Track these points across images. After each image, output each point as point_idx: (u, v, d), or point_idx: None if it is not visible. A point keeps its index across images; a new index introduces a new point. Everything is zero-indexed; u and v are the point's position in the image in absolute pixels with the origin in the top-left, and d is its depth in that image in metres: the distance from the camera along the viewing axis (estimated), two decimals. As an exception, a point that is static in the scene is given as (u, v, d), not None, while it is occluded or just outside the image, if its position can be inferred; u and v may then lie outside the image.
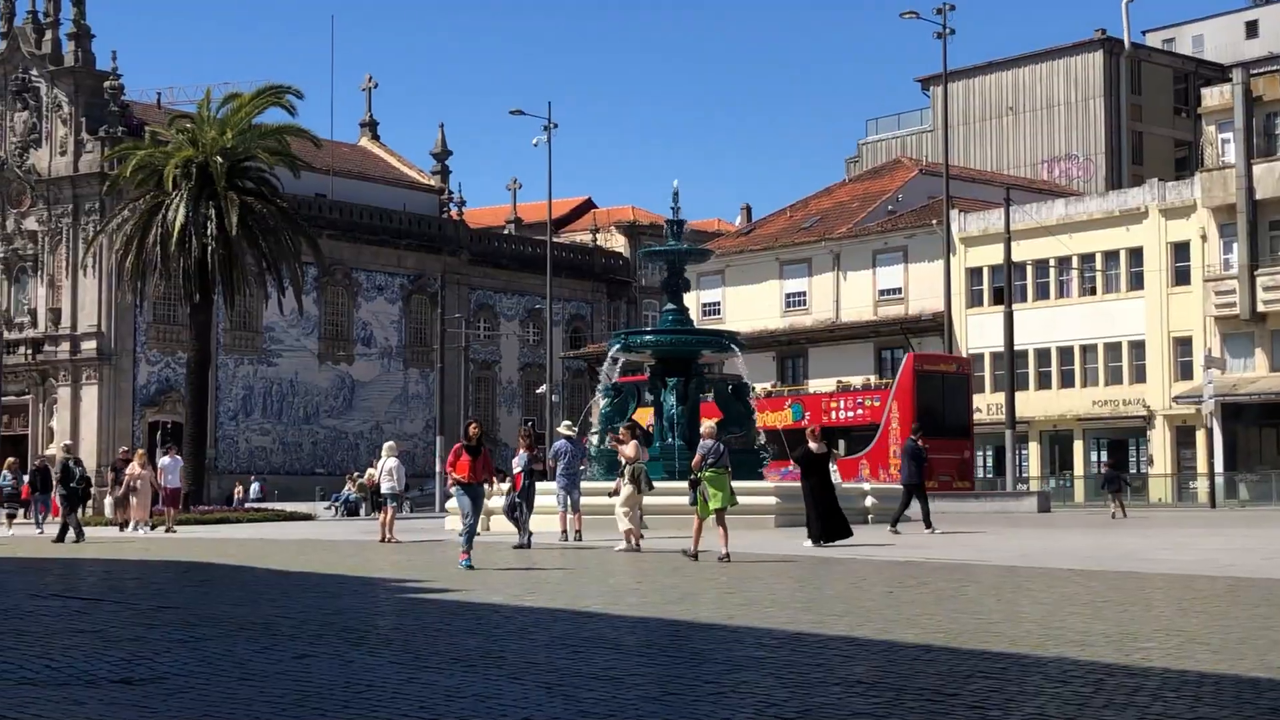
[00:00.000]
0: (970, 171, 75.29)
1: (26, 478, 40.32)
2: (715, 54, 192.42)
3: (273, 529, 37.34)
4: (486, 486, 21.04)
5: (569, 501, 26.07)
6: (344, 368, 75.37)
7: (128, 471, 36.03)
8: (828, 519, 23.06)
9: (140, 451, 38.92)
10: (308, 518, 46.49)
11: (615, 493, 23.84)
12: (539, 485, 25.61)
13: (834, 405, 47.53)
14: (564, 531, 25.96)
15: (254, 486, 63.29)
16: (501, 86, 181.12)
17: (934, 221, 60.50)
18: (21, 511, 39.98)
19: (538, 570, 19.17)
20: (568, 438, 26.42)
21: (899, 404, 46.46)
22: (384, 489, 28.68)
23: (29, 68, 71.08)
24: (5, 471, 38.57)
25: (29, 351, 69.26)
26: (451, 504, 28.99)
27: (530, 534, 23.97)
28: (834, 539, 22.92)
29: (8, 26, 71.92)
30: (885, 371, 63.44)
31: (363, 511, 51.39)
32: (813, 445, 23.45)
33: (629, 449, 24.00)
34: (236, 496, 61.91)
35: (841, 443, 46.52)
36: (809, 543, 22.88)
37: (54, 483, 37.42)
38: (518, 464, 25.30)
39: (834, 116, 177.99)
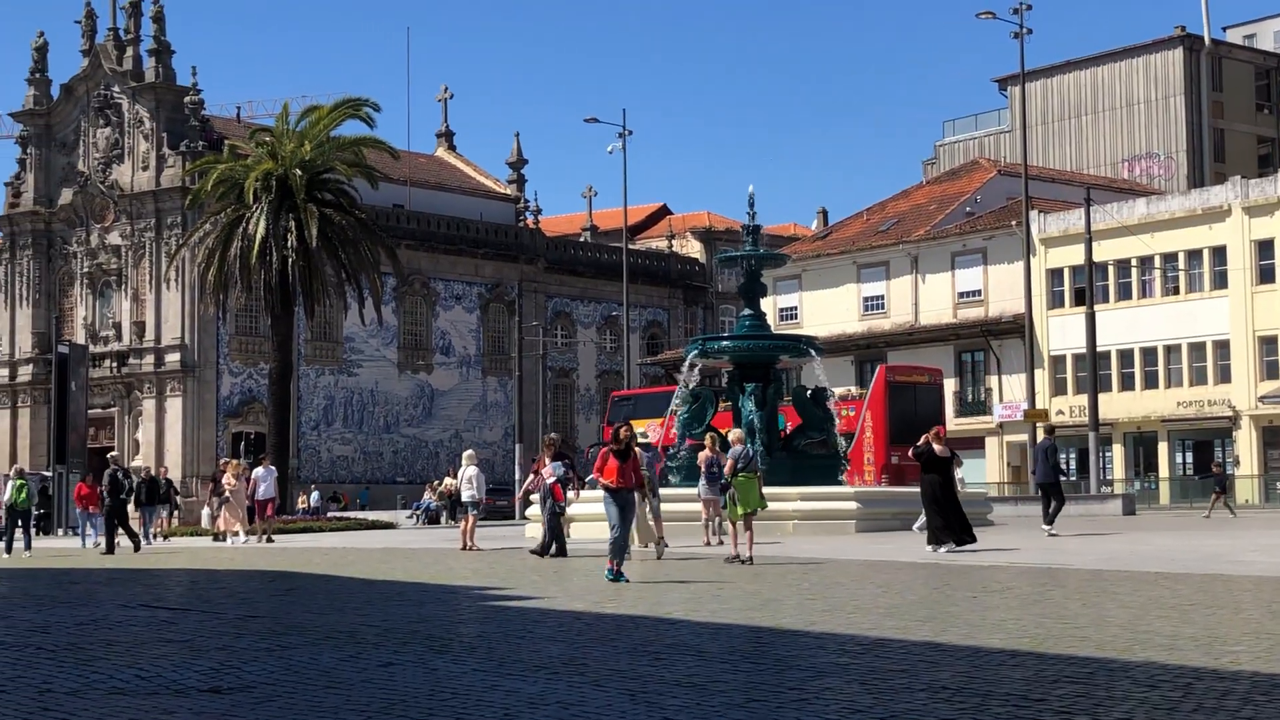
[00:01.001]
0: (1049, 172, 74.63)
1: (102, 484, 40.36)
2: (790, 58, 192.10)
3: (356, 538, 37.59)
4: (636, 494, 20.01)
5: (648, 508, 26.05)
6: (423, 377, 75.85)
7: (224, 482, 36.05)
8: (951, 523, 22.66)
9: (235, 462, 38.50)
10: (389, 526, 46.79)
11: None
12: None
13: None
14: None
15: (313, 495, 63.72)
16: (576, 95, 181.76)
17: (1013, 223, 60.02)
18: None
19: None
20: (644, 445, 26.42)
21: (872, 414, 46.76)
22: (464, 497, 28.77)
23: (111, 84, 72.15)
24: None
25: (114, 365, 70.27)
26: (532, 511, 29.11)
27: (552, 544, 24.07)
28: (961, 543, 22.51)
29: (89, 44, 73.02)
30: (966, 375, 63.01)
31: (443, 519, 51.67)
32: (936, 446, 23.18)
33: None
34: (300, 506, 62.33)
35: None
36: (930, 548, 22.50)
37: (137, 494, 37.63)
38: (551, 475, 24.92)
39: (910, 119, 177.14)
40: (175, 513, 45.34)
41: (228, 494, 35.38)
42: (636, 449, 25.14)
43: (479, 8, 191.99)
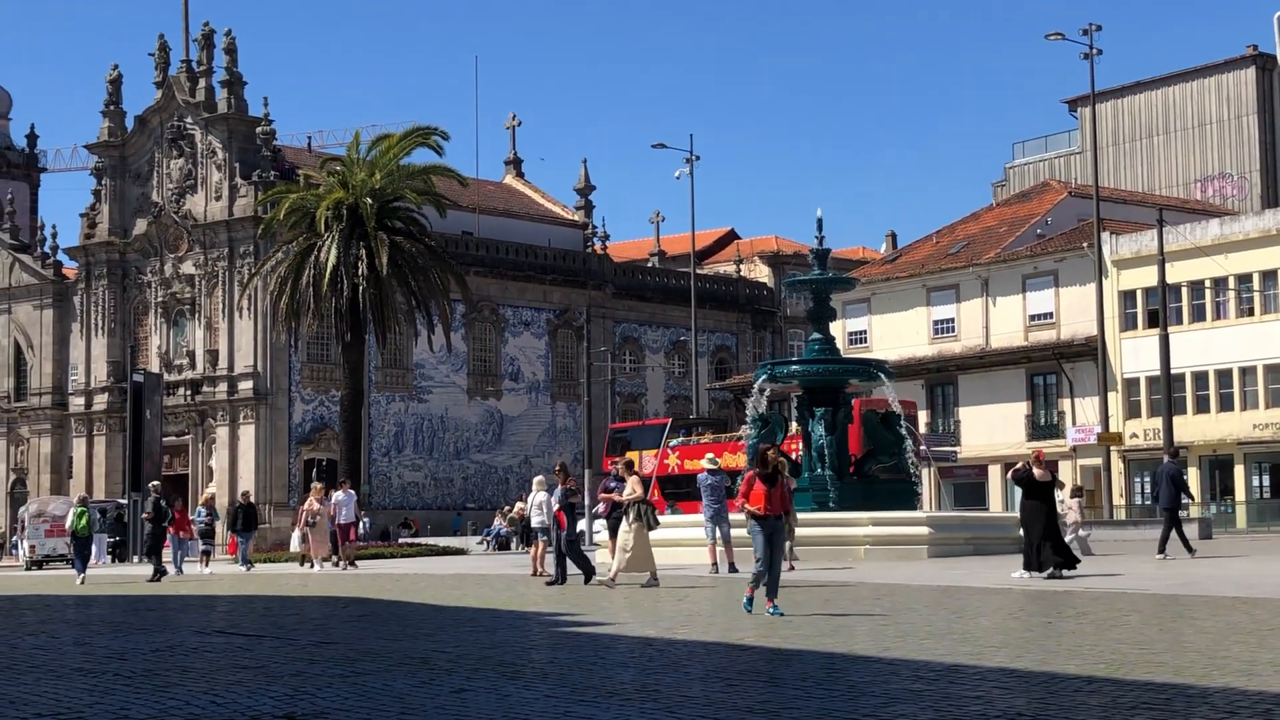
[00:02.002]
0: (1121, 193, 73.97)
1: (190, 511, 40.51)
2: (857, 82, 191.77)
3: (427, 564, 37.73)
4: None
5: (718, 534, 26.05)
6: (492, 403, 76.13)
7: (305, 507, 35.93)
8: (1048, 548, 22.26)
9: (318, 486, 38.09)
10: (460, 552, 46.94)
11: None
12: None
13: (793, 447, 48.20)
14: (714, 564, 25.93)
15: (364, 522, 63.86)
16: (643, 121, 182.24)
17: (1085, 244, 59.52)
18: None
19: (689, 603, 19.15)
20: (712, 471, 26.39)
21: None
22: (534, 523, 28.73)
23: (184, 116, 73.08)
24: (201, 508, 38.58)
25: (188, 392, 71.01)
26: (601, 536, 29.07)
27: (565, 573, 24.02)
28: (1060, 569, 22.12)
29: (163, 76, 74.01)
30: (1038, 398, 62.45)
31: (514, 545, 51.75)
32: (1036, 470, 22.93)
33: (633, 485, 23.81)
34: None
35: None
36: (1019, 572, 22.15)
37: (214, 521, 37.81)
38: (556, 501, 25.01)
39: (980, 141, 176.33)
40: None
41: (313, 519, 35.19)
42: (560, 478, 24.93)
43: (546, 36, 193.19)
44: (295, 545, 41.41)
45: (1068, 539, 32.02)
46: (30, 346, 79.69)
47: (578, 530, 25.44)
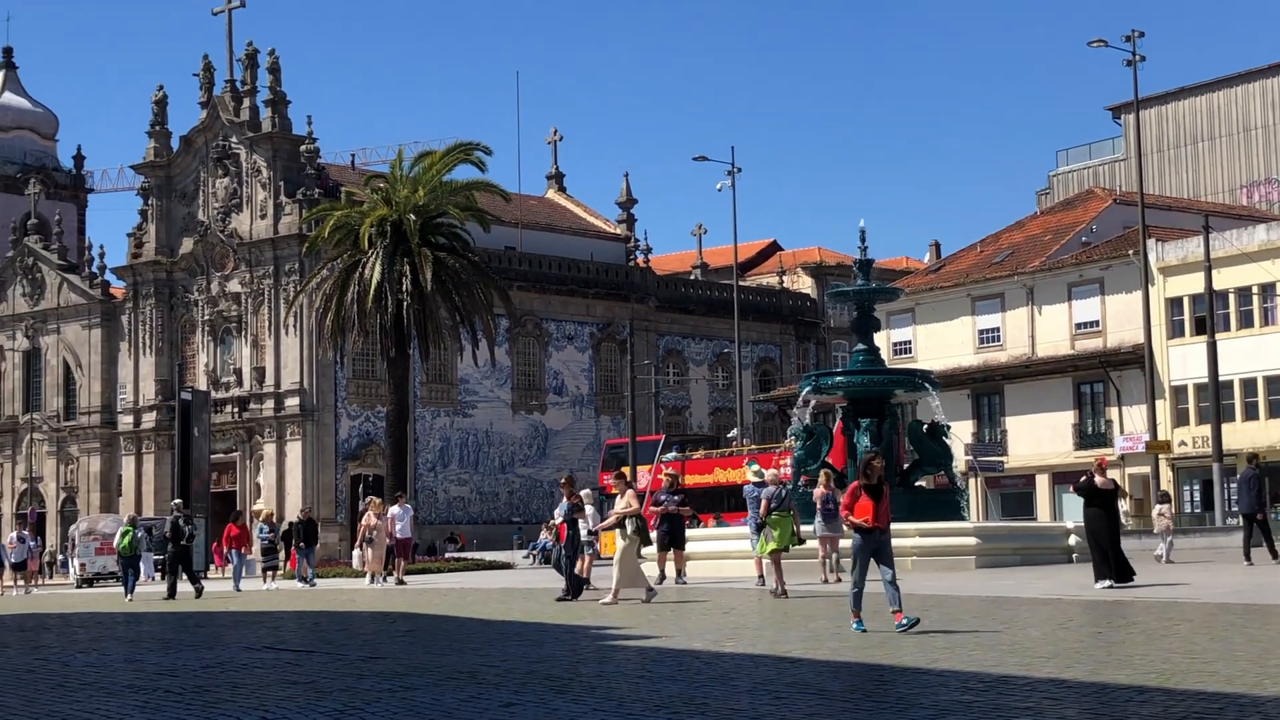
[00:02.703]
0: (1166, 199, 73.50)
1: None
2: (899, 92, 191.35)
3: (474, 578, 37.79)
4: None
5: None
6: (537, 417, 76.27)
7: (363, 522, 35.82)
8: (1113, 558, 22.04)
9: (375, 500, 37.45)
10: (506, 566, 47.01)
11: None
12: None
13: (782, 462, 49.41)
14: (760, 576, 25.88)
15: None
16: (684, 134, 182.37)
17: (1130, 252, 59.15)
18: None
19: (736, 615, 19.12)
20: (757, 483, 26.35)
21: (833, 460, 49.28)
22: (582, 536, 28.72)
23: (229, 135, 73.61)
24: (262, 524, 38.55)
25: (235, 410, 71.44)
26: (649, 550, 29.05)
27: (584, 583, 23.90)
28: (1123, 580, 21.89)
29: (207, 96, 74.57)
30: (1085, 407, 62.04)
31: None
32: (1099, 480, 22.74)
33: (627, 500, 23.54)
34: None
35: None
36: (1099, 585, 21.85)
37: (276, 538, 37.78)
38: (559, 514, 24.95)
39: (1023, 149, 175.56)
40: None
41: (370, 534, 35.00)
42: (564, 491, 24.60)
43: (587, 51, 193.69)
44: (356, 562, 41.19)
45: (1158, 551, 31.85)
46: (79, 366, 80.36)
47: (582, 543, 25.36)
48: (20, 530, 43.66)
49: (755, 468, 27.97)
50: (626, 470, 43.34)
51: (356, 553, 41.27)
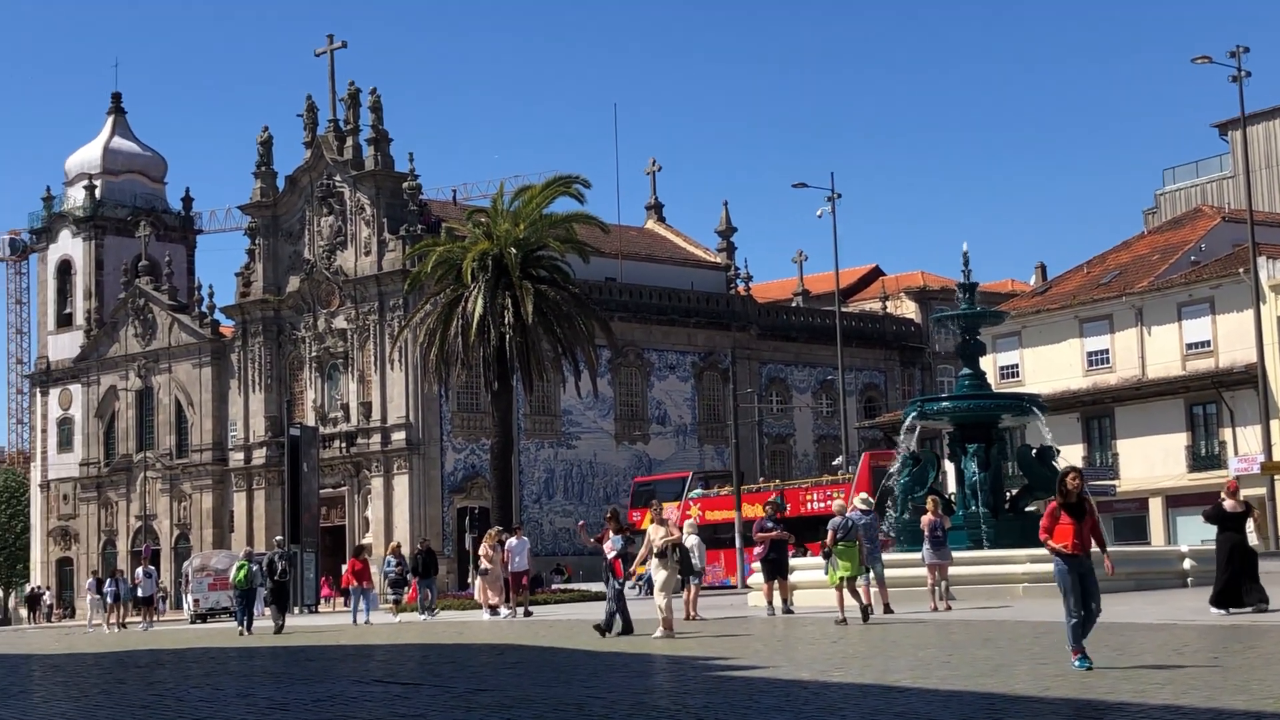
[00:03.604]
0: (1275, 216, 72.17)
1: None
2: (1001, 114, 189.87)
3: (580, 609, 37.80)
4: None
5: (871, 575, 25.80)
6: (640, 447, 76.31)
7: (480, 554, 35.61)
8: (1238, 583, 21.39)
9: (491, 532, 37.19)
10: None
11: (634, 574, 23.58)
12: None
13: (808, 497, 50.12)
14: (868, 605, 25.64)
15: None
16: (784, 160, 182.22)
17: (1240, 270, 58.13)
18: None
19: (843, 644, 18.96)
20: (865, 510, 26.18)
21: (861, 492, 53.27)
22: (693, 564, 28.61)
23: (333, 174, 74.62)
24: (390, 557, 38.60)
25: (343, 445, 72.20)
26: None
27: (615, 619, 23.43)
28: (1243, 604, 21.25)
29: (311, 136, 75.67)
30: (1198, 428, 60.98)
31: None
32: (1228, 503, 22.23)
33: (669, 529, 23.17)
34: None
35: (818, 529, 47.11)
36: (1217, 610, 21.38)
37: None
38: (612, 550, 24.16)
39: (1129, 168, 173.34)
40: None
41: (485, 565, 34.95)
42: (610, 525, 23.96)
43: (684, 81, 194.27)
44: (478, 594, 41.05)
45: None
46: (190, 404, 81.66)
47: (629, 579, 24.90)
48: (146, 565, 44.22)
49: (863, 495, 27.80)
50: (665, 505, 44.30)
51: (478, 583, 41.15)
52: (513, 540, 35.71)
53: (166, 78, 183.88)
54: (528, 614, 34.03)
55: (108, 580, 45.82)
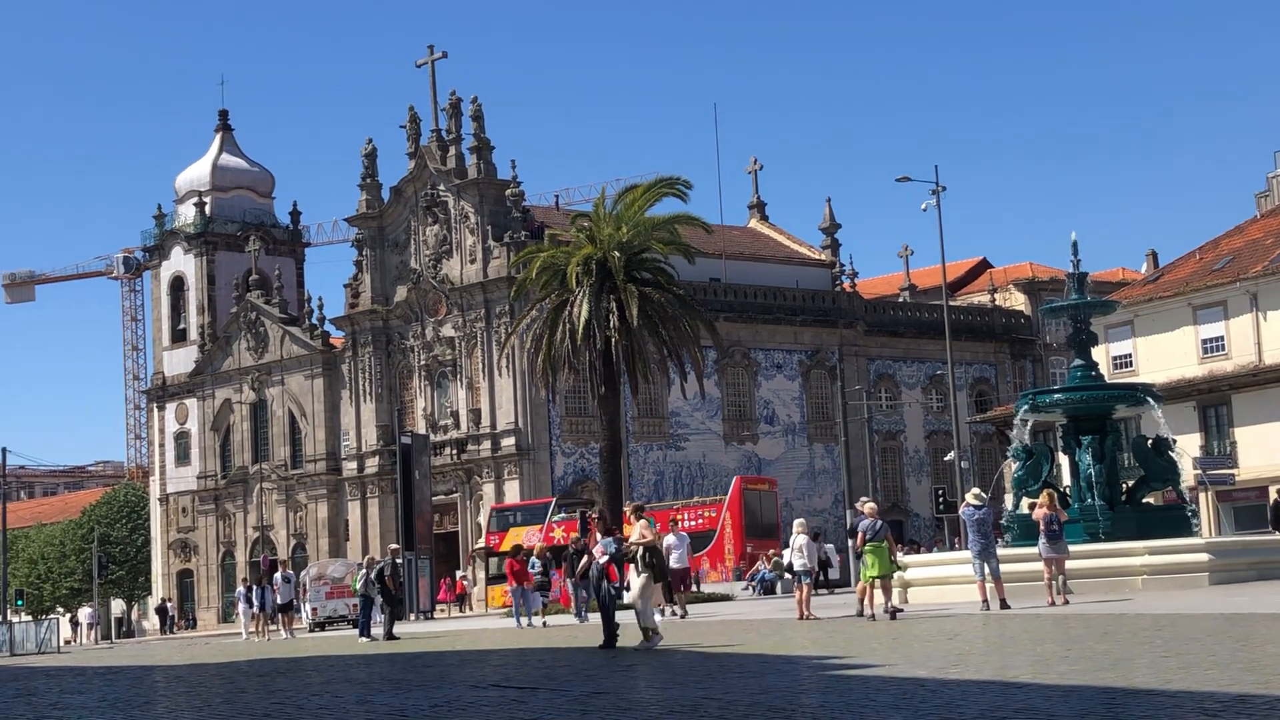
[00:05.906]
0: (1394, 194, 70.46)
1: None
2: (1107, 100, 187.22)
3: (694, 610, 37.58)
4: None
5: (986, 570, 25.57)
6: (749, 447, 76.12)
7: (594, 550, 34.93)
8: None
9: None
10: (725, 598, 46.93)
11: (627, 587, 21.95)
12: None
13: (680, 516, 51.42)
14: (984, 600, 25.43)
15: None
16: (886, 155, 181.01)
17: (1357, 251, 56.87)
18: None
19: (960, 641, 18.78)
20: (977, 505, 25.95)
21: (730, 514, 59.74)
22: (796, 566, 28.38)
23: (437, 183, 75.29)
24: (535, 560, 38.40)
25: (454, 452, 72.80)
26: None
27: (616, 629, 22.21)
28: None
29: (414, 147, 76.41)
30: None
31: (778, 590, 51.52)
32: None
33: (641, 531, 21.92)
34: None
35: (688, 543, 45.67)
36: None
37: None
38: (603, 553, 23.27)
39: (1239, 151, 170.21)
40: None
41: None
42: (596, 528, 22.57)
43: (784, 79, 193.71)
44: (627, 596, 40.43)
45: None
46: (303, 415, 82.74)
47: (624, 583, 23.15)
48: (285, 570, 43.23)
49: (976, 490, 27.50)
50: (521, 532, 45.32)
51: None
52: (671, 537, 33.98)
53: (272, 94, 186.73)
54: (683, 615, 32.25)
55: (254, 589, 44.83)
